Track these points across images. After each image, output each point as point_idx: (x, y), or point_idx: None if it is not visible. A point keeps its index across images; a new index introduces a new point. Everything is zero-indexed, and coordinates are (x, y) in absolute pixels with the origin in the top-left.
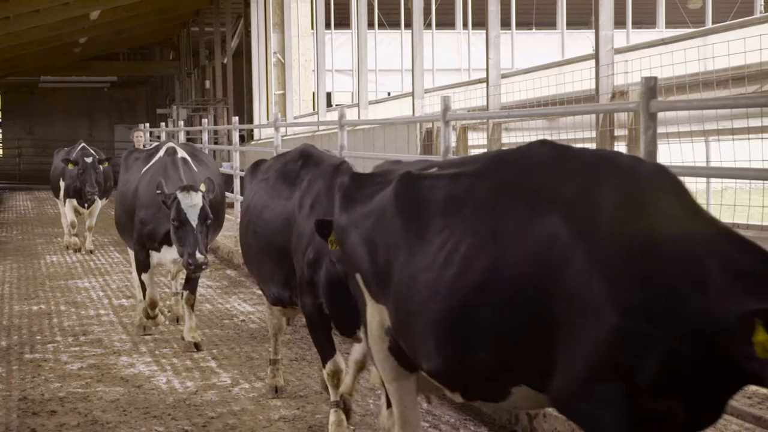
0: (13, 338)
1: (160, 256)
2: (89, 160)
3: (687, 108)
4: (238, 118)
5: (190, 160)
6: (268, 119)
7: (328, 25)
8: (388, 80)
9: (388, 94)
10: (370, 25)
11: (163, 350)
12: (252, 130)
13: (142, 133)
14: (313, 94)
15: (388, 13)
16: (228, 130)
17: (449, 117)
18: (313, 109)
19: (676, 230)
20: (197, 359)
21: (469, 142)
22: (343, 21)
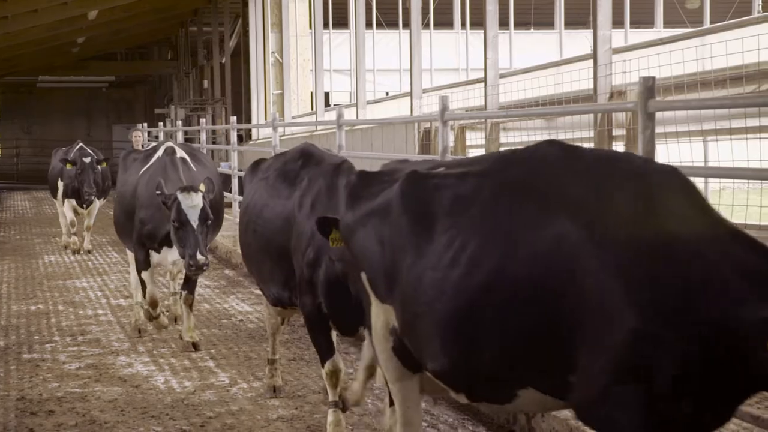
0: (11, 338)
1: (160, 257)
2: (87, 160)
3: (685, 108)
4: (236, 118)
5: (189, 160)
6: (266, 119)
7: (326, 25)
8: (386, 80)
9: (386, 94)
10: (368, 25)
11: (161, 350)
12: (250, 130)
13: (141, 132)
14: (311, 93)
15: (386, 13)
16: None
17: (447, 117)
18: (311, 109)
19: (690, 232)
20: (195, 359)
21: (467, 142)
22: (341, 21)
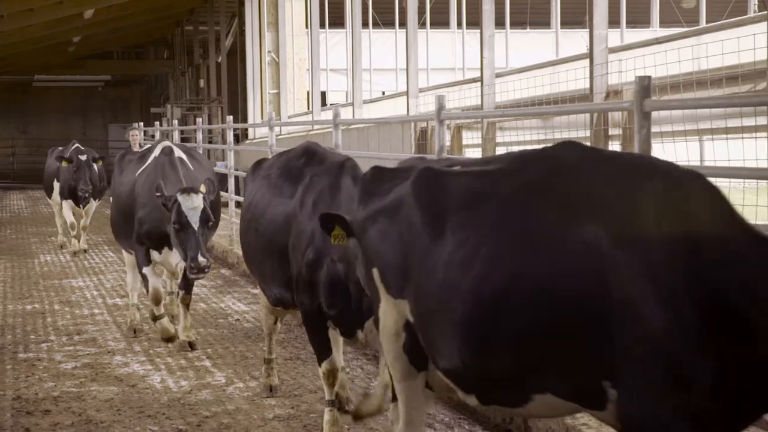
0: (7, 337)
1: (161, 258)
2: (83, 157)
3: (681, 107)
4: (232, 117)
5: (187, 160)
6: (262, 118)
7: (322, 24)
8: (382, 79)
9: (383, 94)
10: (365, 25)
11: (158, 349)
12: (246, 130)
13: (138, 132)
14: (308, 93)
15: (383, 12)
16: (222, 129)
17: (444, 116)
18: (308, 109)
19: (719, 234)
20: (192, 358)
21: (464, 141)
22: (337, 20)
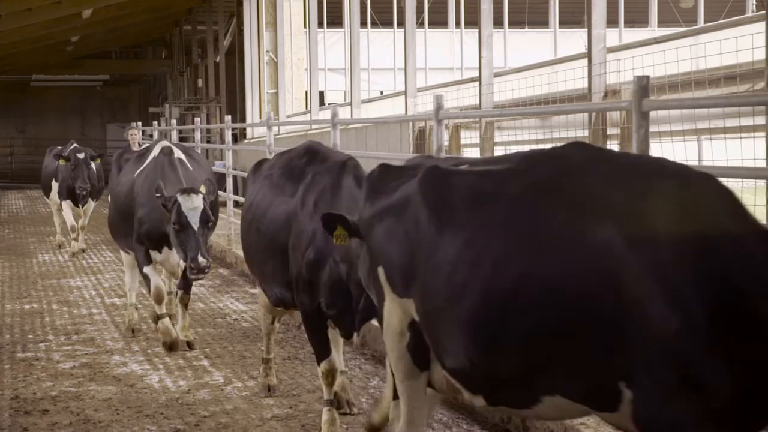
0: (5, 337)
1: (162, 258)
2: (81, 155)
3: (679, 107)
4: (230, 117)
5: (186, 160)
6: (260, 118)
7: (320, 24)
8: (380, 79)
9: (381, 93)
10: (363, 24)
11: (156, 349)
12: (245, 129)
13: (137, 131)
14: (306, 92)
15: (381, 12)
16: (221, 129)
17: (442, 116)
18: (306, 108)
19: (732, 234)
20: (190, 358)
21: (462, 141)
22: (335, 20)
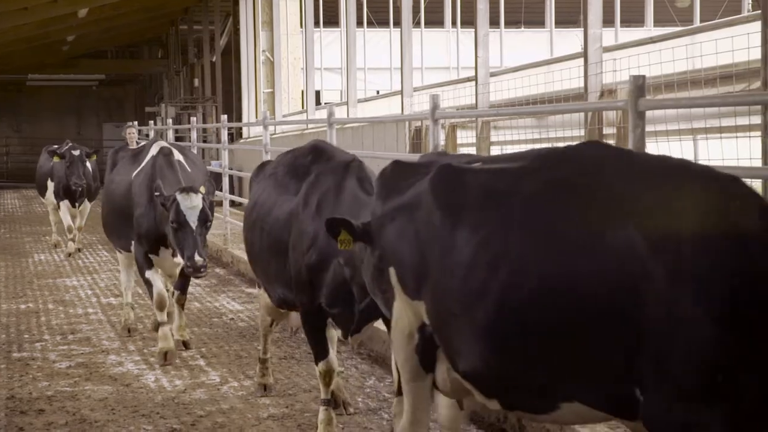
0: (1, 337)
1: (159, 260)
2: (76, 152)
3: (675, 106)
4: (226, 117)
5: (184, 161)
6: (256, 117)
7: (317, 23)
8: (377, 78)
9: (377, 93)
10: (359, 23)
11: (152, 349)
12: (241, 129)
13: (135, 129)
14: (302, 92)
15: (377, 11)
16: (217, 129)
17: (438, 115)
18: (302, 108)
19: (763, 240)
20: (186, 358)
21: (458, 141)
22: (332, 19)
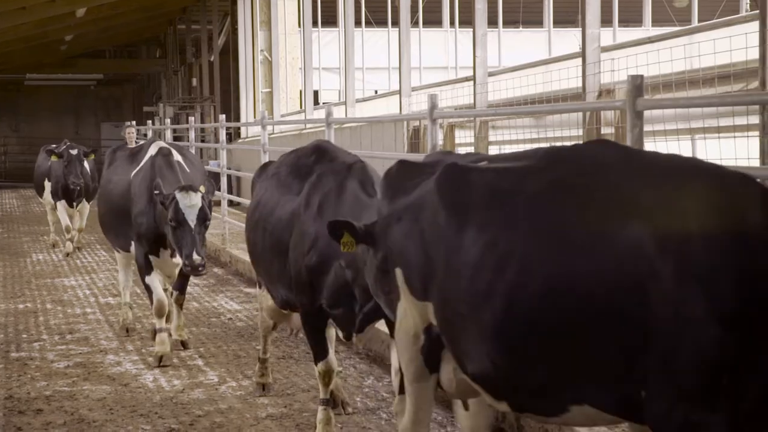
0: None
1: (159, 261)
2: (74, 152)
3: (673, 106)
4: (225, 116)
5: (182, 161)
6: (255, 117)
7: (315, 23)
8: (375, 78)
9: (376, 92)
10: (357, 23)
11: (150, 348)
12: (239, 128)
13: (134, 130)
14: (300, 92)
15: (375, 11)
16: (215, 128)
17: (436, 115)
18: (300, 107)
19: None
20: (184, 357)
21: (456, 140)
22: (330, 19)
